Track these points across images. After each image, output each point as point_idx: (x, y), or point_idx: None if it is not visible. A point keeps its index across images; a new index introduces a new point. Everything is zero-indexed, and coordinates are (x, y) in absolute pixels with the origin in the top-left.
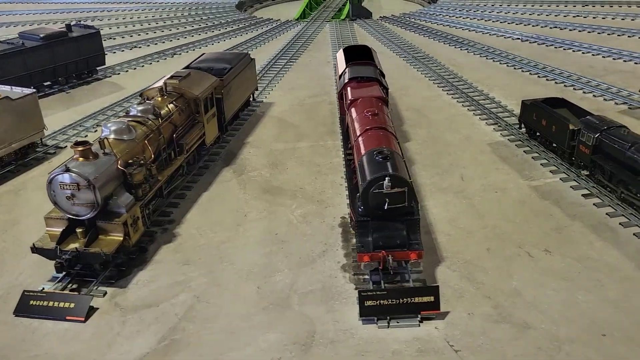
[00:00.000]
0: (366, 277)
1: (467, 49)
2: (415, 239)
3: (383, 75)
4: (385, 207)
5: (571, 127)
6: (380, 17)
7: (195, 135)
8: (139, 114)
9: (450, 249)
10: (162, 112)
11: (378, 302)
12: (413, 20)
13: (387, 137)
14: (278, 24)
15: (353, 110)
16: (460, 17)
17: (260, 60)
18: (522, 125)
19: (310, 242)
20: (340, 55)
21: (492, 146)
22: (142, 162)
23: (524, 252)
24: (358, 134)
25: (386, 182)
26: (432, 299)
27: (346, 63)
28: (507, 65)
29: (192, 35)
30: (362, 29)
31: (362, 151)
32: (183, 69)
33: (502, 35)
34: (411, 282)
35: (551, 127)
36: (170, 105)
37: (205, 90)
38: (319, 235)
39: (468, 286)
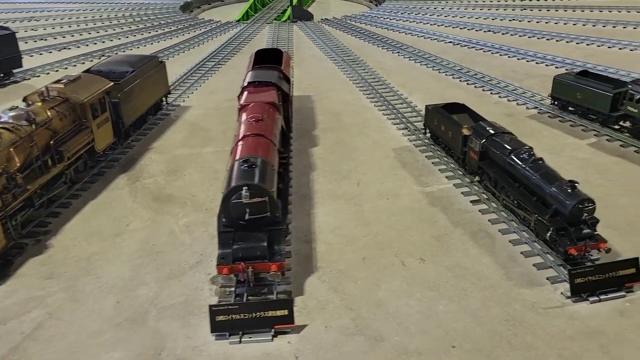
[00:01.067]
0: (232, 289)
1: (398, 52)
2: (279, 250)
3: (288, 80)
4: (246, 217)
5: (463, 132)
6: (322, 19)
7: (80, 141)
8: (10, 120)
9: (327, 259)
10: (38, 118)
11: (230, 316)
12: (353, 22)
13: (264, 144)
14: (218, 25)
15: (243, 115)
16: (400, 20)
17: (189, 62)
18: (427, 130)
19: (186, 252)
20: (251, 58)
21: (397, 151)
22: (1, 171)
23: (398, 261)
24: (237, 141)
25: (244, 191)
26: (286, 312)
27: (252, 67)
28: (434, 69)
29: (127, 37)
30: (300, 31)
31: (234, 159)
32: (83, 72)
33: (435, 39)
34: (275, 295)
35: (448, 133)
36: (51, 111)
37: (93, 94)
38: (198, 245)
39: (334, 297)
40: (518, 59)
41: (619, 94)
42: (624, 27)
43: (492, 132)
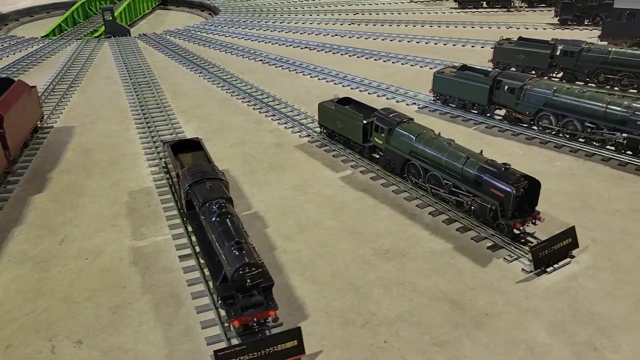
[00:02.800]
0: None
1: (201, 72)
2: None
3: None
4: None
5: (178, 176)
6: (140, 34)
7: None
8: None
9: None
10: None
11: None
12: (171, 38)
13: None
14: (18, 42)
15: None
16: (223, 35)
17: None
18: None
19: None
20: None
21: (133, 195)
22: None
23: (50, 346)
24: None
25: None
26: None
27: None
28: (227, 92)
29: None
30: (109, 49)
31: None
32: None
33: (247, 57)
34: None
35: (174, 175)
36: None
37: None
38: None
39: None
40: (319, 79)
41: (368, 124)
42: (436, 44)
43: (198, 178)
